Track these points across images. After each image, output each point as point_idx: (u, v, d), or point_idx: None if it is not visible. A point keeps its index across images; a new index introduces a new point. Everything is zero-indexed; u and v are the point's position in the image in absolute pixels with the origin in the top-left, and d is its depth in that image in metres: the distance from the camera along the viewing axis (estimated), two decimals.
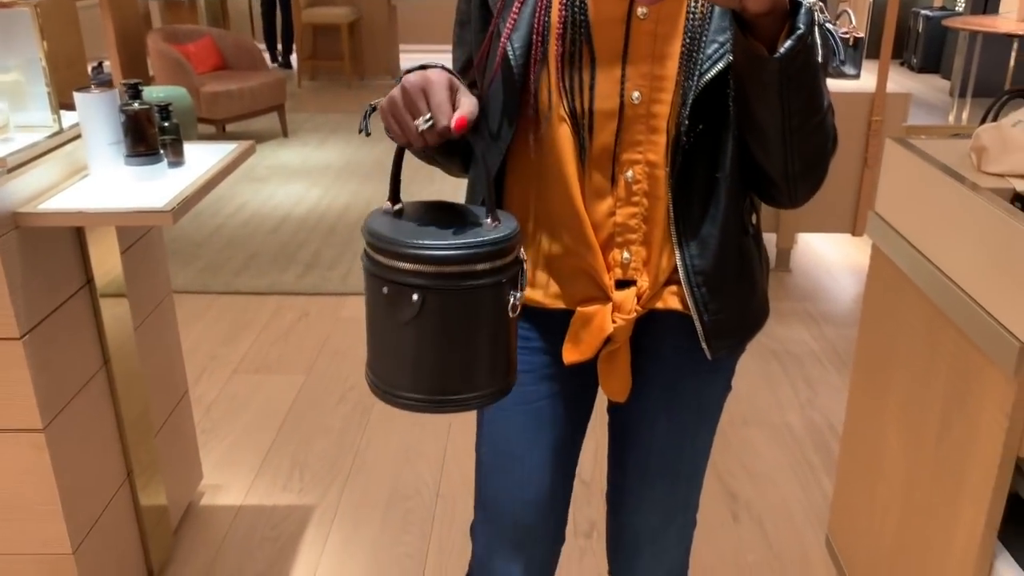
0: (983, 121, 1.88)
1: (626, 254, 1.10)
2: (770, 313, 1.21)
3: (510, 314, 0.98)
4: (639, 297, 1.12)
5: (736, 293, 1.13)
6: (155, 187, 1.70)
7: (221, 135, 5.56)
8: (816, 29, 0.90)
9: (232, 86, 5.48)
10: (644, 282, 1.11)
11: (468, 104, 0.95)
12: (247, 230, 4.29)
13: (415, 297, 0.94)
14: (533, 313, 1.17)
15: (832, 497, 2.18)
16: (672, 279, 1.11)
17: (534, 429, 1.23)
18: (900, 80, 7.80)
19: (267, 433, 2.66)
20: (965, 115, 4.93)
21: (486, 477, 1.29)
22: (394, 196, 1.04)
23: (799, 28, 0.87)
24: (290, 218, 4.46)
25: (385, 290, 0.95)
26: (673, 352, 1.18)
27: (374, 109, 1.01)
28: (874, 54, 3.62)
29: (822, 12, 0.93)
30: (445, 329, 0.97)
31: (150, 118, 1.71)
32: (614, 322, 1.11)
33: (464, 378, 0.99)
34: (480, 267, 0.95)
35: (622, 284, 1.12)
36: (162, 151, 1.76)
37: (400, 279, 0.94)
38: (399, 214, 1.02)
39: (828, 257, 4.01)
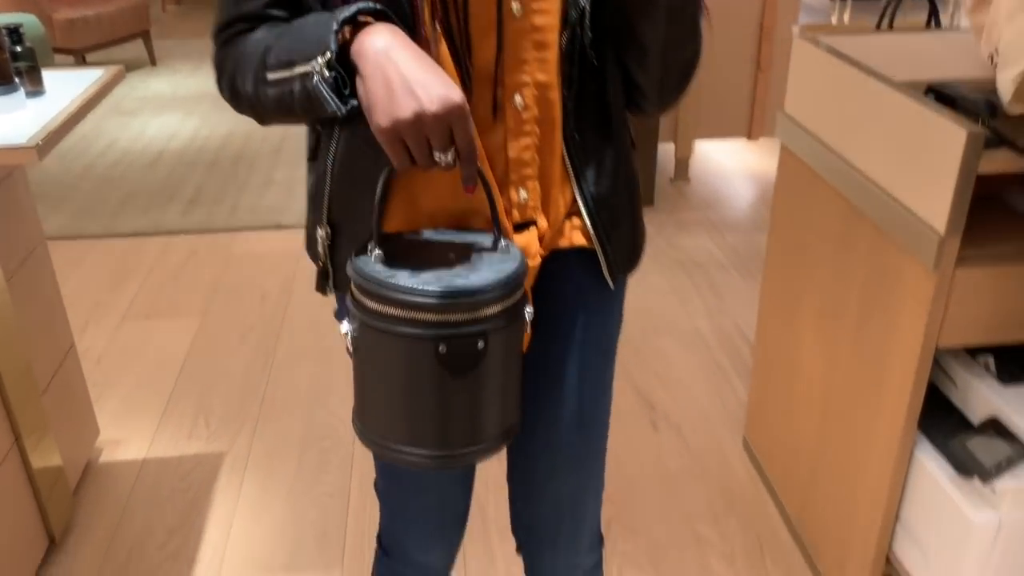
0: (879, 23, 1.87)
1: (523, 193, 0.97)
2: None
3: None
4: (540, 238, 1.00)
5: (630, 215, 1.06)
6: (14, 120, 1.51)
7: (82, 66, 5.13)
8: None
9: (88, 12, 5.04)
10: (543, 222, 1.00)
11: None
12: (120, 168, 4.00)
13: (480, 345, 0.86)
14: None
15: (748, 399, 2.21)
16: (570, 212, 1.02)
17: None
18: None
19: (165, 381, 2.52)
20: (847, 17, 5.00)
21: None
22: (379, 234, 0.90)
23: None
24: (167, 153, 4.18)
25: (442, 348, 0.84)
26: (576, 291, 1.07)
27: (346, 85, 0.85)
28: None
29: None
30: (505, 368, 0.90)
31: None
32: None
33: (516, 410, 0.95)
34: (519, 294, 0.89)
35: (519, 227, 0.99)
36: (17, 80, 1.57)
37: (464, 331, 0.85)
38: (393, 257, 0.89)
39: (725, 164, 4.04)
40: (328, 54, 0.82)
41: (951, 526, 1.42)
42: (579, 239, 1.02)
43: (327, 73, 0.83)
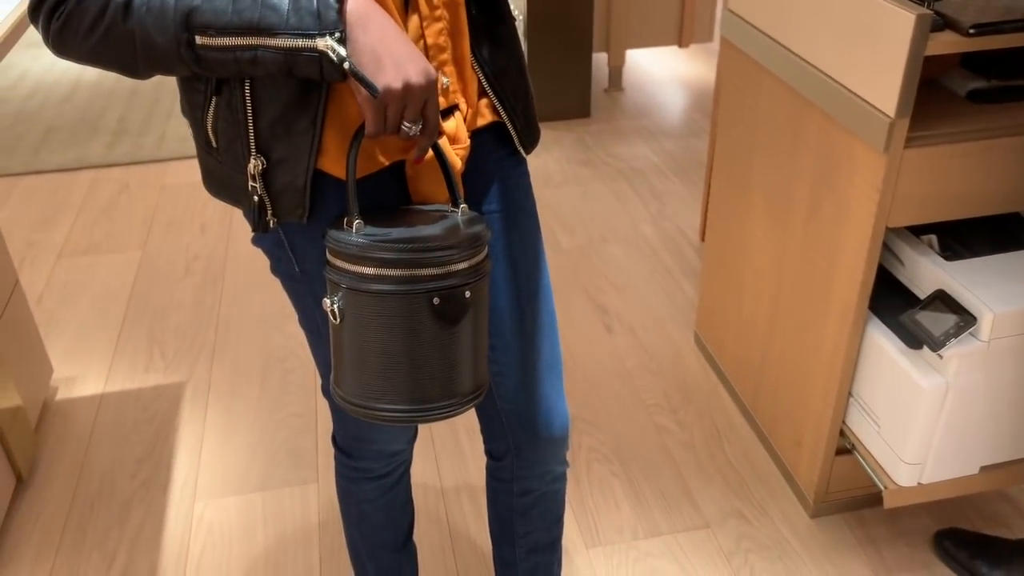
0: None
1: (444, 79, 0.99)
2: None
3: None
4: (464, 120, 1.03)
5: (525, 89, 1.10)
6: None
7: None
8: None
9: None
10: (464, 104, 1.03)
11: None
12: (35, 102, 3.81)
13: (467, 294, 0.94)
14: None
15: (697, 297, 2.29)
16: (480, 93, 1.05)
17: None
18: None
19: (113, 316, 2.47)
20: None
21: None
22: (357, 206, 0.94)
23: None
24: (82, 84, 4.00)
25: (436, 300, 0.92)
26: (497, 165, 1.11)
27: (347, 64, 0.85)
28: None
29: None
30: (479, 318, 0.97)
31: None
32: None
33: (482, 363, 1.01)
34: (486, 250, 0.98)
35: (444, 113, 1.00)
36: None
37: (451, 282, 0.92)
38: (372, 224, 0.94)
39: (657, 72, 4.06)
40: (338, 34, 0.83)
41: (902, 394, 1.52)
42: (490, 115, 1.07)
43: (341, 51, 0.84)
